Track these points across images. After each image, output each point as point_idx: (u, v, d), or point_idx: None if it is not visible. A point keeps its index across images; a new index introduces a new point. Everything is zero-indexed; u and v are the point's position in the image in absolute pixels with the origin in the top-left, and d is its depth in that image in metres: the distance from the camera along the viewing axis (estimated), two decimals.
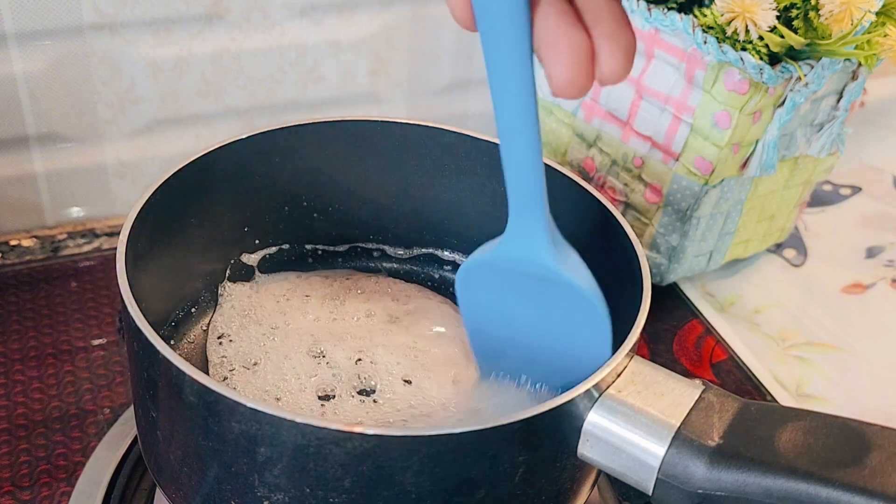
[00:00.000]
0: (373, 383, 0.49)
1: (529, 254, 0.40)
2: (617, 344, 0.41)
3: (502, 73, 0.34)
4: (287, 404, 0.47)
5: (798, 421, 0.38)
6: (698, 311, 0.71)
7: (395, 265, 0.59)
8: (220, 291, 0.54)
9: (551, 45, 0.31)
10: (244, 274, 0.55)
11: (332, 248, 0.58)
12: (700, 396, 0.39)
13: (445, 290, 0.57)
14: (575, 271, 0.41)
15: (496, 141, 0.53)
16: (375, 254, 0.59)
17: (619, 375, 0.40)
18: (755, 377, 0.65)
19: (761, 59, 0.58)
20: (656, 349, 0.67)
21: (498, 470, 0.38)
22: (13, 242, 0.73)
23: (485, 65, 0.34)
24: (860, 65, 0.64)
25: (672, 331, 0.69)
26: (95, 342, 0.63)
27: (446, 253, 0.59)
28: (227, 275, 0.55)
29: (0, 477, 0.54)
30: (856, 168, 0.89)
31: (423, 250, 0.59)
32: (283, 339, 0.51)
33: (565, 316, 0.41)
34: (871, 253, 0.79)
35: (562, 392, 0.42)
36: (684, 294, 0.72)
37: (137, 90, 0.72)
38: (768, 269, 0.76)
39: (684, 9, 0.61)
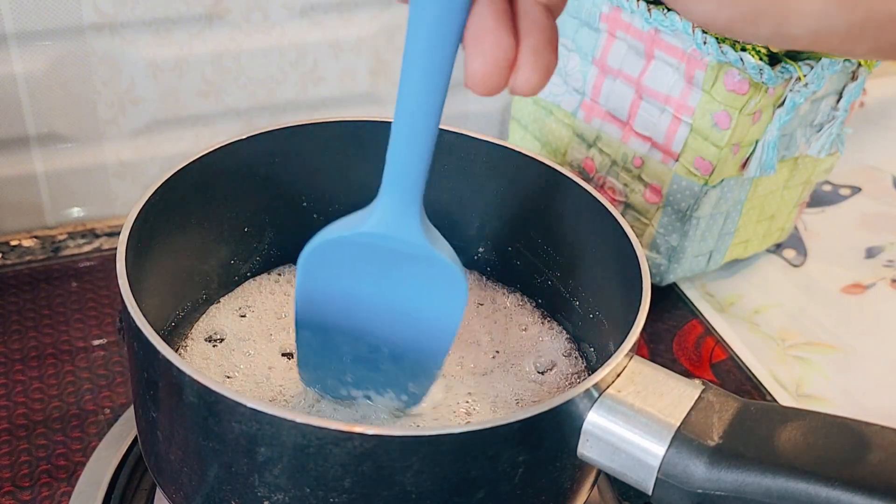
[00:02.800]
0: None
1: (401, 231, 0.39)
2: (617, 344, 0.41)
3: (427, 47, 0.34)
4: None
5: (798, 421, 0.38)
6: (698, 311, 0.71)
7: None
8: (219, 291, 0.54)
9: (478, 40, 0.32)
10: (244, 274, 0.55)
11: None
12: (700, 396, 0.39)
13: None
14: (441, 246, 0.40)
15: (496, 141, 0.53)
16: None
17: (618, 375, 0.40)
18: (755, 377, 0.65)
19: (761, 59, 0.58)
20: (656, 349, 0.67)
21: (498, 470, 0.38)
22: (13, 242, 0.73)
23: (407, 32, 0.34)
24: (860, 65, 0.64)
25: (672, 331, 0.69)
26: (96, 342, 0.63)
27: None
28: (226, 275, 0.54)
29: (0, 477, 0.54)
30: (855, 168, 0.89)
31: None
32: (281, 338, 0.52)
33: (421, 292, 0.41)
34: (871, 253, 0.79)
35: (406, 398, 0.44)
36: (684, 294, 0.72)
37: (137, 90, 0.72)
38: (768, 270, 0.76)
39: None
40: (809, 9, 0.29)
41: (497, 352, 0.53)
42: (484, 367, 0.52)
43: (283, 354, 0.50)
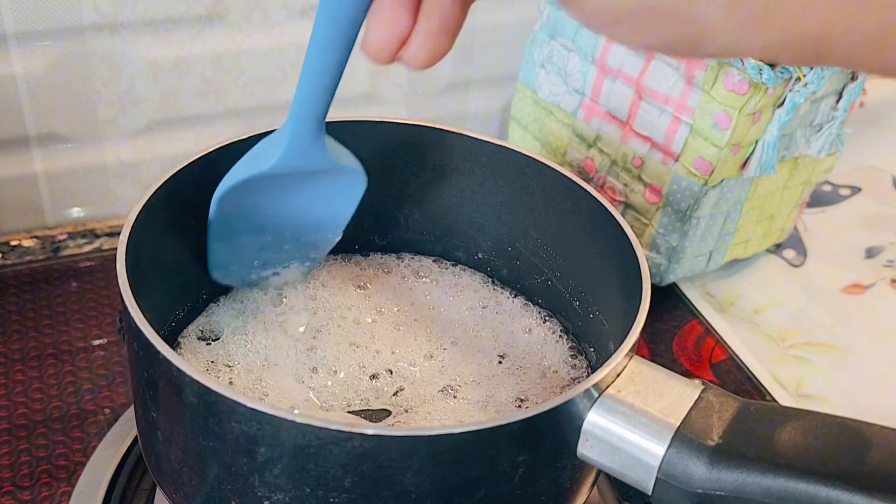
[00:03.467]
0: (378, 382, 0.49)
1: (311, 157, 0.44)
2: (617, 344, 0.41)
3: (335, 14, 0.37)
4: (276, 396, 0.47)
5: (797, 420, 0.38)
6: (698, 311, 0.71)
7: (395, 264, 0.59)
8: (219, 292, 0.54)
9: (378, 12, 0.35)
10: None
11: (330, 249, 0.58)
12: (700, 396, 0.39)
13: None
14: (342, 155, 0.46)
15: (496, 141, 0.53)
16: (374, 254, 0.59)
17: (618, 375, 0.40)
18: (755, 377, 0.65)
19: (760, 59, 0.58)
20: (656, 349, 0.67)
21: (498, 470, 0.38)
22: (14, 243, 0.73)
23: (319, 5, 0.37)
24: None
25: (672, 331, 0.69)
26: (96, 342, 0.63)
27: (445, 255, 0.59)
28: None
29: (0, 477, 0.54)
30: (855, 168, 0.89)
31: (422, 251, 0.59)
32: (279, 337, 0.52)
33: (324, 191, 0.47)
34: (871, 253, 0.79)
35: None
36: (684, 294, 0.72)
37: (137, 90, 0.72)
38: (768, 270, 0.76)
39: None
40: (724, 30, 0.30)
41: (497, 352, 0.53)
42: (484, 366, 0.52)
43: (283, 354, 0.51)
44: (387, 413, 0.48)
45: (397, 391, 0.49)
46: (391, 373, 0.50)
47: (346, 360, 0.51)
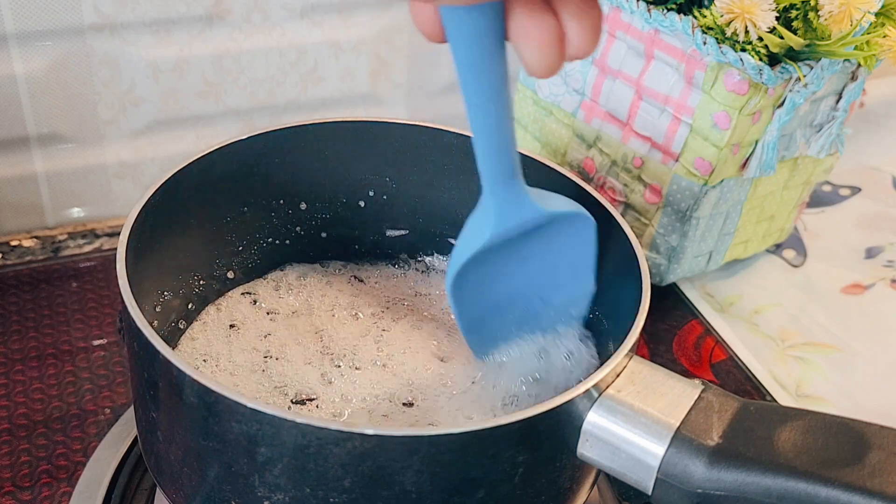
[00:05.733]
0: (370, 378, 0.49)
1: (521, 217, 0.42)
2: (616, 344, 0.41)
3: (477, 76, 0.35)
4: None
5: (797, 420, 0.38)
6: (698, 311, 0.71)
7: (395, 265, 0.59)
8: (219, 292, 0.54)
9: (522, 34, 0.33)
10: (243, 274, 0.55)
11: (330, 249, 0.58)
12: (699, 396, 0.40)
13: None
14: (555, 201, 0.43)
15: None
16: (374, 254, 0.59)
17: (618, 375, 0.40)
18: (755, 377, 0.65)
19: (761, 59, 0.58)
20: (656, 349, 0.67)
21: (497, 470, 0.38)
22: (14, 243, 0.73)
23: (456, 66, 0.35)
24: (859, 65, 0.64)
25: (672, 331, 0.69)
26: (96, 342, 0.63)
27: (445, 256, 0.59)
28: (226, 275, 0.55)
29: (1, 477, 0.54)
30: (855, 169, 0.89)
31: (422, 251, 0.59)
32: (279, 338, 0.52)
33: (557, 243, 0.44)
34: (871, 253, 0.79)
35: (575, 318, 0.47)
36: (684, 294, 0.72)
37: (138, 91, 0.72)
38: (768, 270, 0.76)
39: (684, 9, 0.61)
40: None
41: (497, 351, 0.53)
42: (484, 366, 0.52)
43: (281, 354, 0.51)
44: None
45: (406, 388, 0.49)
46: (384, 366, 0.50)
47: (346, 360, 0.51)
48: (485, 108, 0.36)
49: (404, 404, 0.48)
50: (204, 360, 0.50)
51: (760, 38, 0.58)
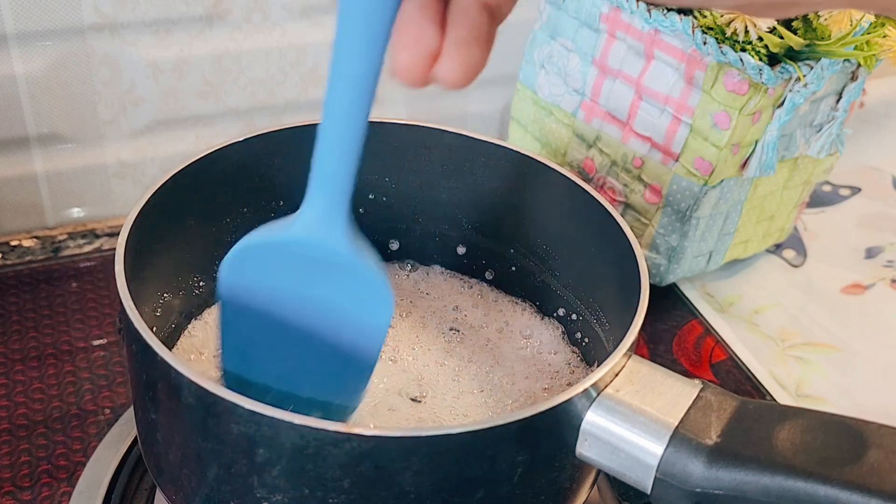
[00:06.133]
0: None
1: (326, 238, 0.38)
2: (615, 343, 0.41)
3: (355, 46, 0.33)
4: None
5: (796, 419, 0.38)
6: (698, 311, 0.71)
7: (395, 265, 0.59)
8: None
9: (402, 31, 0.32)
10: None
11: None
12: (698, 395, 0.40)
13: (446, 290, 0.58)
14: (366, 256, 0.39)
15: (496, 141, 0.53)
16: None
17: (617, 375, 0.40)
18: (754, 377, 0.65)
19: (761, 59, 0.58)
20: (656, 349, 0.67)
21: (497, 470, 0.38)
22: (14, 243, 0.73)
23: (336, 33, 0.33)
24: (859, 65, 0.64)
25: (671, 331, 0.69)
26: (96, 342, 0.63)
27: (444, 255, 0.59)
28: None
29: (1, 477, 0.54)
30: (855, 169, 0.89)
31: (422, 251, 0.59)
32: None
33: (347, 299, 0.40)
34: (871, 253, 0.79)
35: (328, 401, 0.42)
36: (684, 294, 0.72)
37: (138, 91, 0.72)
38: (768, 270, 0.76)
39: (684, 10, 0.61)
40: None
41: (497, 352, 0.53)
42: (484, 366, 0.52)
43: None
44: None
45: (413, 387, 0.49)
46: (393, 361, 0.50)
47: None
48: (354, 93, 0.35)
49: (412, 399, 0.48)
50: (201, 353, 0.50)
51: (760, 38, 0.58)
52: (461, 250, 0.58)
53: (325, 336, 0.41)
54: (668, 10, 0.60)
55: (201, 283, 0.53)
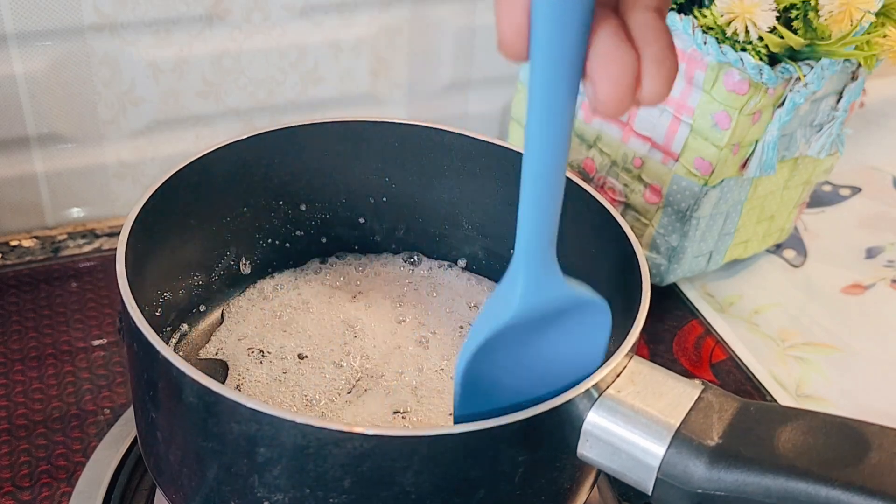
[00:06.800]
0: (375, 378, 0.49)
1: (552, 294, 0.37)
2: (616, 344, 0.41)
3: (551, 107, 0.32)
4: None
5: (797, 420, 0.38)
6: (698, 311, 0.71)
7: (395, 266, 0.59)
8: (219, 292, 0.54)
9: (603, 63, 0.30)
10: (243, 275, 0.55)
11: (330, 250, 0.58)
12: (699, 396, 0.39)
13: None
14: (580, 286, 0.39)
15: (496, 141, 0.53)
16: (374, 255, 0.59)
17: (618, 375, 0.40)
18: (755, 377, 0.65)
19: (761, 59, 0.58)
20: (656, 349, 0.67)
21: (497, 470, 0.38)
22: (13, 243, 0.73)
23: (530, 86, 0.31)
24: (860, 65, 0.64)
25: (672, 331, 0.69)
26: (96, 342, 0.63)
27: (447, 254, 0.59)
28: (226, 275, 0.55)
29: (0, 477, 0.54)
30: (855, 169, 0.89)
31: (422, 251, 0.59)
32: (278, 338, 0.52)
33: (570, 330, 0.39)
34: (871, 253, 0.79)
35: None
36: (684, 294, 0.72)
37: (138, 91, 0.72)
38: (768, 270, 0.76)
39: (684, 9, 0.61)
40: None
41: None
42: None
43: (279, 355, 0.51)
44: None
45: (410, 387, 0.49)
46: (390, 361, 0.50)
47: (346, 361, 0.51)
48: (551, 153, 0.32)
49: (395, 412, 0.48)
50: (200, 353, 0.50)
51: (761, 38, 0.58)
52: (460, 250, 0.58)
53: (555, 363, 0.40)
54: (669, 10, 0.60)
55: (201, 283, 0.53)
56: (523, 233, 0.35)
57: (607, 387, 0.40)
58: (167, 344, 0.38)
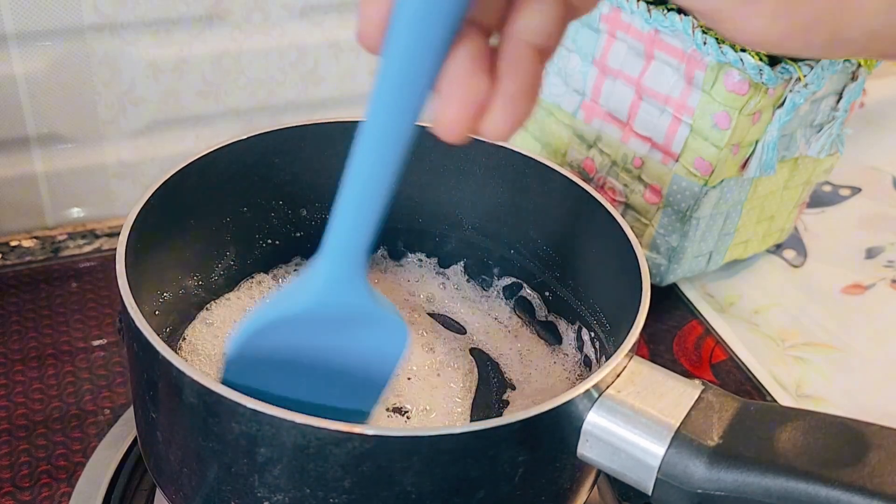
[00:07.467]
0: None
1: (351, 300, 0.36)
2: (617, 344, 0.41)
3: (395, 96, 0.31)
4: None
5: (797, 421, 0.38)
6: (698, 311, 0.71)
7: (395, 266, 0.59)
8: (219, 292, 0.54)
9: (450, 82, 0.29)
10: (243, 275, 0.55)
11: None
12: (699, 396, 0.39)
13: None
14: (382, 302, 0.38)
15: (496, 142, 0.53)
16: (374, 255, 0.59)
17: (618, 376, 0.40)
18: (755, 378, 0.65)
19: (761, 59, 0.58)
20: (656, 350, 0.67)
21: (497, 470, 0.38)
22: (13, 243, 0.73)
23: (375, 83, 0.31)
24: (860, 65, 0.64)
25: (672, 331, 0.69)
26: (96, 343, 0.63)
27: (445, 254, 0.59)
28: (226, 275, 0.55)
29: (0, 477, 0.54)
30: (855, 169, 0.89)
31: (421, 252, 0.59)
32: None
33: (361, 339, 0.38)
34: (871, 254, 0.79)
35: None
36: (684, 295, 0.72)
37: (138, 91, 0.72)
38: (768, 270, 0.76)
39: (684, 10, 0.61)
40: (869, 7, 0.28)
41: (497, 352, 0.53)
42: (483, 366, 0.52)
43: None
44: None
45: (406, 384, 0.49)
46: None
47: None
48: (387, 150, 0.32)
49: (392, 410, 0.48)
50: (200, 353, 0.50)
51: None
52: (460, 251, 0.58)
53: (338, 368, 0.40)
54: (669, 9, 0.60)
55: (201, 283, 0.53)
56: (336, 230, 0.34)
57: (607, 387, 0.40)
58: (167, 344, 0.38)
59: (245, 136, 0.51)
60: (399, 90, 0.31)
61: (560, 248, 0.54)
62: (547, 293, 0.55)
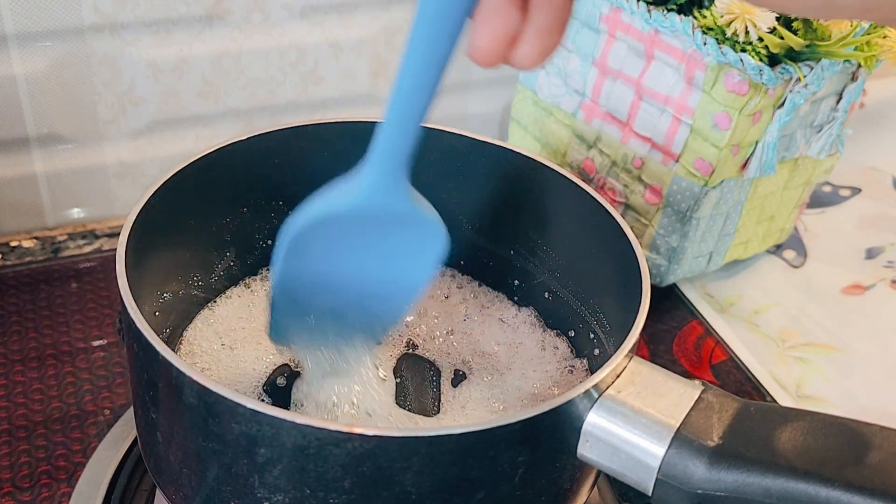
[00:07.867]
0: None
1: (392, 199, 0.39)
2: (617, 345, 0.41)
3: (435, 26, 0.33)
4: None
5: (797, 421, 0.38)
6: (698, 311, 0.71)
7: None
8: (219, 292, 0.54)
9: (487, 16, 0.32)
10: (243, 275, 0.55)
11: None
12: (699, 397, 0.40)
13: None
14: (424, 206, 0.41)
15: (496, 142, 0.53)
16: None
17: (618, 376, 0.40)
18: (755, 378, 0.65)
19: (761, 60, 0.58)
20: (656, 350, 0.67)
21: (497, 470, 0.38)
22: (13, 243, 0.73)
23: (416, 13, 0.33)
24: (860, 66, 0.64)
25: (672, 332, 0.69)
26: (96, 343, 0.63)
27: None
28: (226, 275, 0.55)
29: (0, 477, 0.54)
30: (855, 169, 0.89)
31: None
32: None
33: (401, 246, 0.41)
34: (871, 254, 0.79)
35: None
36: (684, 295, 0.72)
37: (138, 91, 0.72)
38: (768, 270, 0.76)
39: (684, 10, 0.61)
40: None
41: (497, 352, 0.53)
42: (484, 367, 0.52)
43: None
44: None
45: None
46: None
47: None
48: (429, 59, 0.34)
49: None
50: (200, 353, 0.50)
51: (760, 39, 0.58)
52: (460, 251, 0.58)
53: (377, 269, 0.42)
54: (669, 10, 0.60)
55: (201, 283, 0.53)
56: (384, 138, 0.37)
57: (607, 387, 0.40)
58: (167, 344, 0.38)
59: (245, 136, 0.51)
60: (444, 15, 0.33)
61: (560, 249, 0.54)
62: (547, 293, 0.55)
